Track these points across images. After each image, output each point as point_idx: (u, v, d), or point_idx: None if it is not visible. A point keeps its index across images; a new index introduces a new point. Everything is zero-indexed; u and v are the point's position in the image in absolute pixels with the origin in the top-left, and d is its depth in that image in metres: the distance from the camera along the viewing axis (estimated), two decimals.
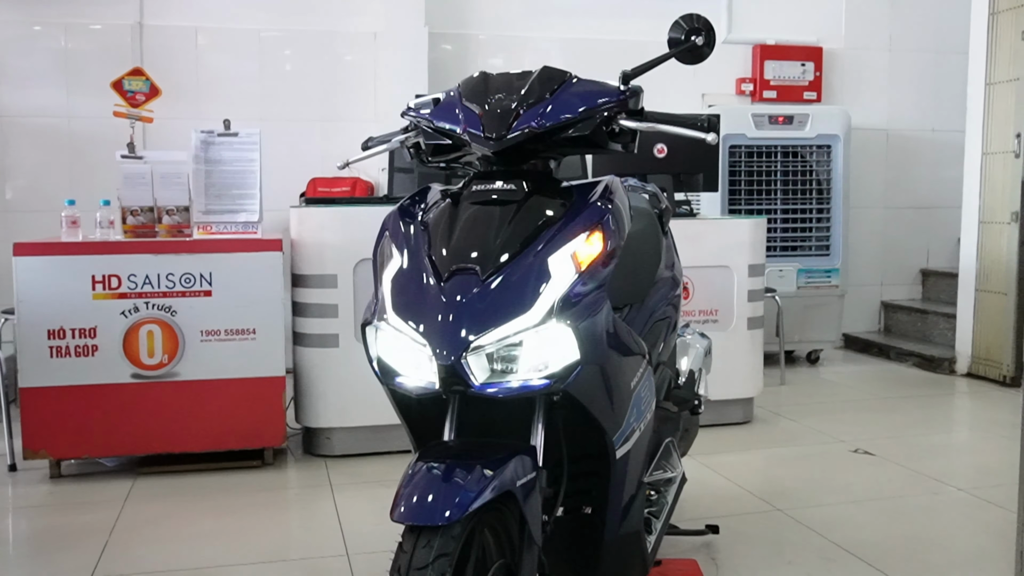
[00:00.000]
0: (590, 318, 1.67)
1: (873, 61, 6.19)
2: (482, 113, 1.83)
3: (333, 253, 3.64)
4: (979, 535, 2.88)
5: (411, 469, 1.60)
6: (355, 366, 3.65)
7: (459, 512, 1.49)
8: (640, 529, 1.94)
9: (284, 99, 5.41)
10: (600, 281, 1.72)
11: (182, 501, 3.23)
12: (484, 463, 1.58)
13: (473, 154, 1.92)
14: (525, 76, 1.91)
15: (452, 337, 1.60)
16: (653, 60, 1.91)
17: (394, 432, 3.75)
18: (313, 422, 3.74)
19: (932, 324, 5.83)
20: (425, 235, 1.78)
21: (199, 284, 3.45)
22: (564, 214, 1.76)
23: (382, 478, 3.47)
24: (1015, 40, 4.80)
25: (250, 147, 3.54)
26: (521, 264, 1.67)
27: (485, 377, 1.62)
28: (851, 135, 5.52)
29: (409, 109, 2.01)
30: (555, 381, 1.63)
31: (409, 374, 1.69)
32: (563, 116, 1.82)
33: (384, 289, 1.74)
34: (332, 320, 3.66)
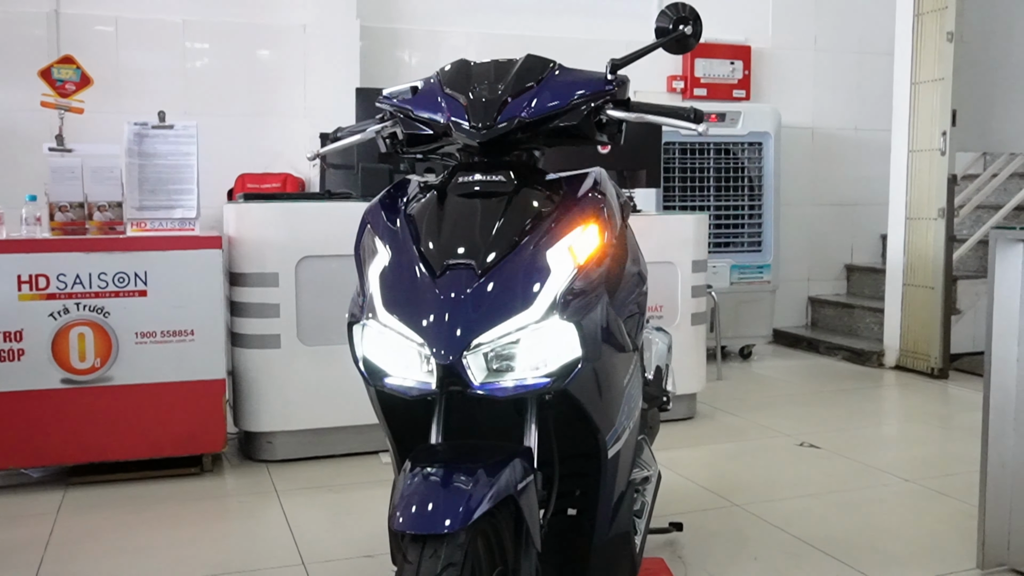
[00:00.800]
0: (590, 314, 1.61)
1: (799, 60, 6.31)
2: (467, 102, 1.76)
3: (274, 251, 3.51)
4: (936, 525, 2.93)
5: (407, 476, 1.51)
6: (298, 367, 3.53)
7: (464, 519, 1.41)
8: (630, 530, 1.89)
9: (209, 93, 5.21)
10: (599, 275, 1.67)
11: (119, 512, 3.06)
12: (483, 467, 1.51)
13: (454, 144, 1.85)
14: (508, 64, 1.84)
15: (451, 335, 1.52)
16: (641, 50, 1.87)
17: (338, 435, 3.65)
18: (253, 426, 3.59)
19: (858, 318, 5.97)
20: (411, 229, 1.70)
21: (133, 284, 3.27)
22: (556, 207, 1.70)
23: (328, 482, 3.36)
24: (940, 41, 4.94)
25: (186, 140, 3.38)
26: (518, 259, 1.60)
27: (483, 376, 1.55)
28: (781, 133, 5.61)
29: (384, 97, 1.93)
30: (555, 379, 1.57)
31: (400, 374, 1.61)
32: (551, 106, 1.76)
33: (371, 286, 1.65)
34: (273, 320, 3.52)
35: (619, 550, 1.88)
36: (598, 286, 1.66)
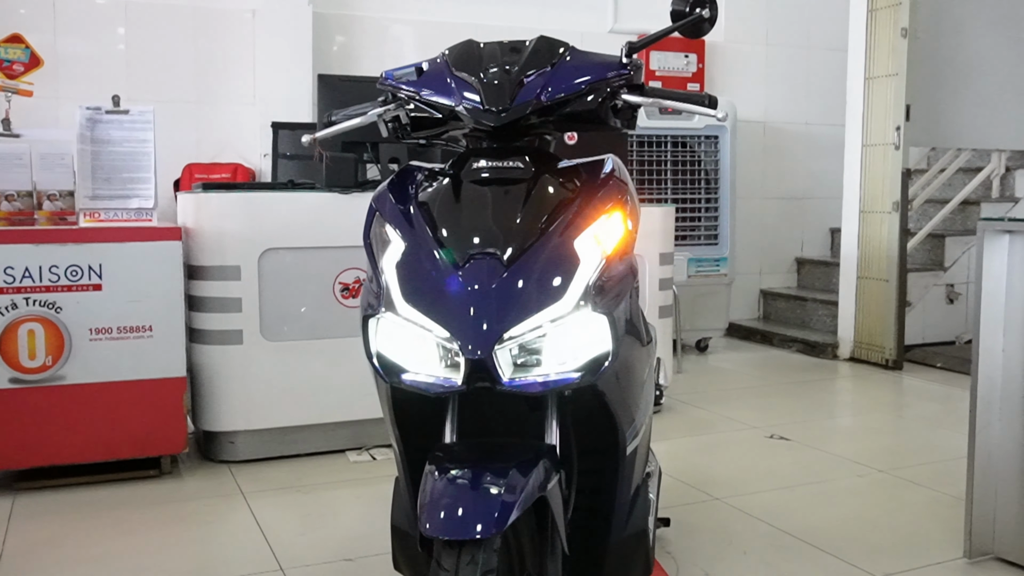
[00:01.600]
0: (620, 305, 1.54)
1: (751, 55, 6.34)
2: (479, 85, 1.67)
3: (235, 243, 3.36)
4: (916, 515, 2.93)
5: (432, 478, 1.43)
6: (260, 364, 3.40)
7: (500, 523, 1.34)
8: (646, 527, 1.83)
9: (153, 79, 5.00)
10: (625, 265, 1.60)
11: (76, 519, 2.89)
12: (514, 467, 1.44)
13: (461, 128, 1.77)
14: (519, 45, 1.77)
15: (480, 329, 1.44)
16: (657, 33, 1.82)
17: (302, 434, 3.53)
18: (214, 426, 3.44)
19: (811, 311, 6.03)
20: (425, 217, 1.61)
21: (87, 277, 3.10)
22: (578, 194, 1.63)
23: (296, 483, 3.24)
24: (894, 36, 4.99)
25: (143, 126, 3.21)
26: (545, 248, 1.53)
27: (511, 372, 1.47)
28: (736, 127, 5.63)
29: (387, 79, 1.83)
30: (584, 374, 1.49)
31: (419, 370, 1.51)
32: (567, 89, 1.69)
33: (387, 277, 1.55)
34: (235, 315, 3.38)
35: (635, 549, 1.81)
36: (624, 276, 1.59)
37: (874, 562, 2.56)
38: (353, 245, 3.50)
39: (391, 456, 3.52)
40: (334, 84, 3.72)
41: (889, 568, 2.53)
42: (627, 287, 1.59)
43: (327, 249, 3.49)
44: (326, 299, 3.50)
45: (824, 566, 2.54)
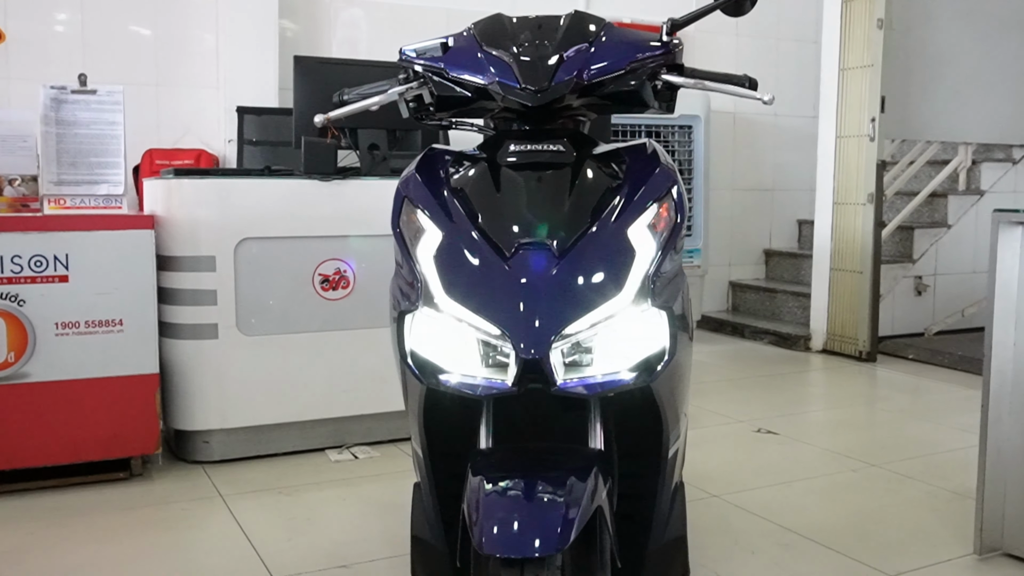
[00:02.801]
0: (676, 299, 1.44)
1: (722, 46, 6.30)
2: (514, 62, 1.55)
3: (210, 232, 3.19)
4: (916, 510, 2.89)
5: (480, 490, 1.31)
6: (237, 359, 3.24)
7: (564, 540, 1.24)
8: (684, 533, 1.74)
9: (111, 60, 4.77)
10: (679, 256, 1.50)
11: (44, 526, 2.71)
12: (571, 476, 1.33)
13: (490, 109, 1.65)
14: (553, 20, 1.65)
15: (536, 327, 1.32)
16: (700, 11, 1.71)
17: (280, 432, 3.38)
18: (187, 424, 3.27)
19: (781, 303, 6.01)
20: (464, 204, 1.48)
21: (53, 268, 2.91)
22: (625, 180, 1.52)
23: (276, 484, 3.09)
24: (869, 28, 4.97)
25: (111, 107, 3.03)
26: (599, 239, 1.42)
27: (563, 372, 1.36)
28: (710, 117, 5.57)
29: (406, 56, 1.70)
30: (640, 373, 1.39)
31: (460, 370, 1.39)
32: (609, 67, 1.58)
33: (424, 269, 1.42)
34: (210, 308, 3.21)
35: (674, 556, 1.72)
36: (678, 268, 1.49)
37: (885, 560, 2.51)
38: (333, 235, 3.37)
39: (373, 455, 3.39)
40: (311, 66, 3.55)
41: (901, 566, 2.48)
42: (681, 280, 1.49)
43: (306, 239, 3.34)
44: (305, 291, 3.35)
45: (836, 565, 2.48)
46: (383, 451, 3.46)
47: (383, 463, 3.32)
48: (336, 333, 3.41)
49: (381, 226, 3.43)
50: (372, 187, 3.44)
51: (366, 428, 3.52)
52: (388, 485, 3.09)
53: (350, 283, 3.42)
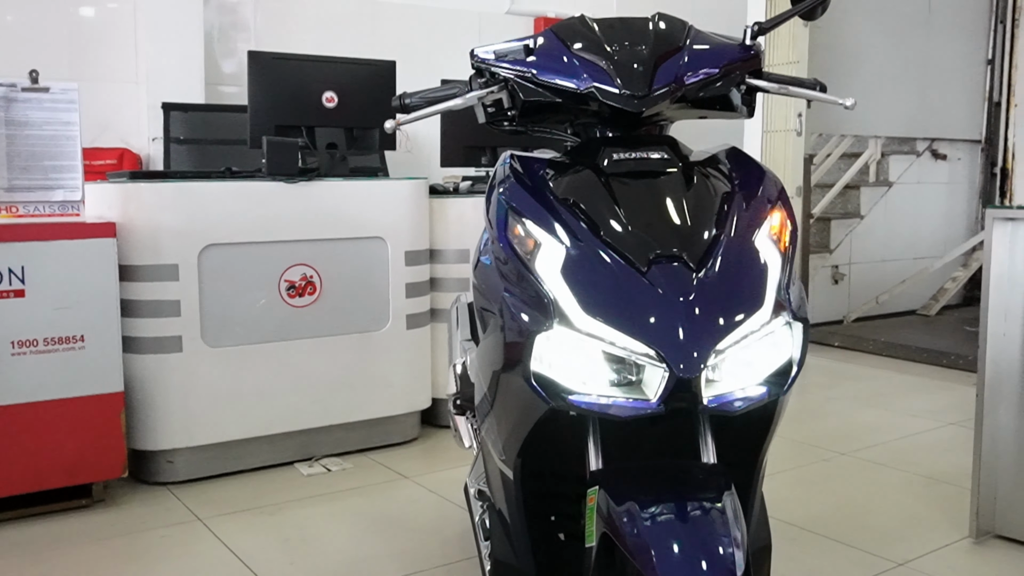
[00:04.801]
0: (803, 306, 1.42)
1: None
2: (610, 66, 1.50)
3: (171, 239, 3.00)
4: (901, 497, 2.98)
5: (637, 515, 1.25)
6: (202, 373, 3.07)
7: (738, 563, 1.19)
8: (769, 542, 1.72)
9: (23, 53, 4.43)
10: (798, 263, 1.48)
11: (16, 565, 2.49)
12: (718, 497, 1.30)
13: (578, 116, 1.59)
14: (640, 23, 1.60)
15: (691, 344, 1.27)
16: (781, 16, 1.69)
17: (248, 447, 3.22)
18: (149, 444, 3.07)
19: None
20: (580, 215, 1.41)
21: (7, 282, 2.67)
22: (735, 188, 1.49)
23: (254, 503, 2.93)
24: (794, 24, 5.10)
25: (66, 106, 2.80)
26: (731, 250, 1.38)
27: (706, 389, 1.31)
28: None
29: (484, 60, 1.62)
30: (773, 387, 1.36)
31: (592, 390, 1.33)
32: (706, 72, 1.54)
33: (550, 286, 1.34)
34: (173, 320, 3.02)
35: (762, 562, 1.70)
36: (797, 276, 1.47)
37: (891, 548, 2.57)
38: (299, 239, 3.23)
39: (345, 467, 3.27)
40: (268, 62, 3.38)
41: (908, 553, 2.55)
42: (800, 287, 1.47)
43: (272, 244, 3.18)
44: (272, 299, 3.19)
45: (847, 557, 2.53)
46: (354, 462, 3.33)
47: (359, 475, 3.20)
48: (304, 341, 3.26)
49: (347, 229, 3.31)
50: (337, 188, 3.31)
51: (336, 439, 3.39)
52: (373, 498, 2.98)
53: (317, 289, 3.28)
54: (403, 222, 3.46)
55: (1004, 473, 2.60)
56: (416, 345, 3.55)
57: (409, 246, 3.48)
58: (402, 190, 3.47)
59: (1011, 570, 2.46)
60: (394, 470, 3.26)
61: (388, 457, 3.40)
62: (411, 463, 3.33)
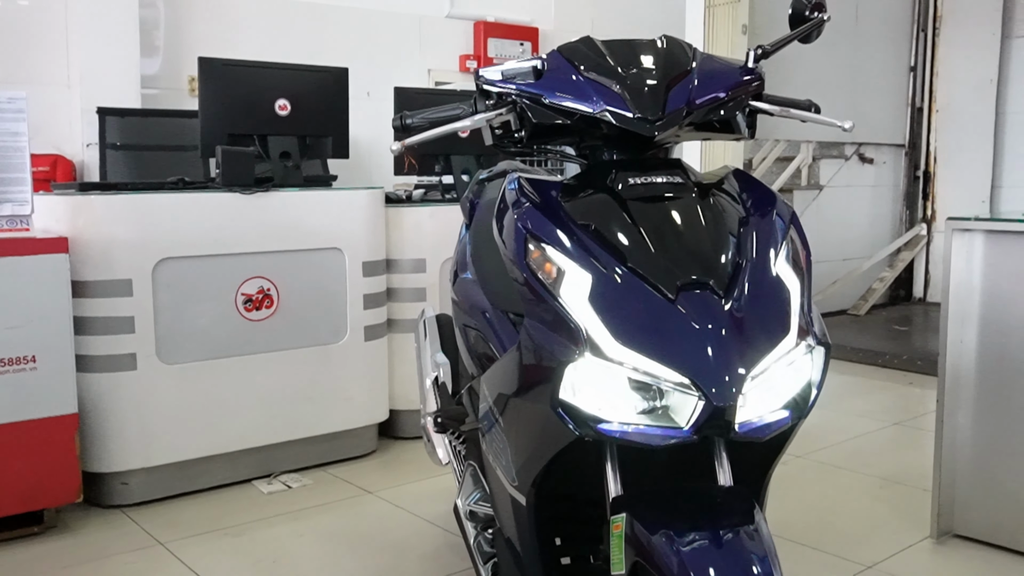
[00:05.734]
0: (823, 330, 1.44)
1: None
2: (622, 89, 1.50)
3: (125, 253, 2.90)
4: (861, 498, 3.06)
5: (674, 541, 1.26)
6: (158, 391, 2.98)
7: None
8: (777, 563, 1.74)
9: None
10: (812, 286, 1.49)
11: None
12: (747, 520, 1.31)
13: (587, 138, 1.58)
14: (645, 45, 1.60)
15: (724, 373, 1.27)
16: (785, 38, 1.71)
17: (206, 466, 3.13)
18: (103, 466, 2.95)
19: None
20: (601, 240, 1.41)
21: None
22: (748, 212, 1.50)
23: (216, 524, 2.85)
24: (733, 32, 5.20)
25: (13, 115, 2.68)
26: (756, 276, 1.39)
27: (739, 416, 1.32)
28: None
29: (490, 80, 1.59)
30: (793, 411, 1.38)
31: (619, 418, 1.32)
32: (716, 94, 1.55)
33: (577, 314, 1.33)
34: (127, 337, 2.92)
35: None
36: (812, 298, 1.49)
37: (857, 551, 2.64)
38: (256, 251, 3.15)
39: (306, 483, 3.20)
40: (217, 68, 3.28)
41: (875, 556, 2.62)
42: (817, 310, 1.49)
43: (228, 256, 3.10)
44: (228, 313, 3.11)
45: (818, 561, 2.58)
46: (314, 477, 3.27)
47: (321, 491, 3.14)
48: (261, 356, 3.19)
49: (304, 240, 3.25)
50: (293, 198, 3.24)
51: (295, 454, 3.32)
52: (340, 515, 2.93)
53: (274, 302, 3.21)
54: (360, 232, 3.41)
55: (962, 475, 2.69)
56: (374, 357, 3.50)
57: (367, 256, 3.43)
58: (359, 200, 3.42)
59: (973, 568, 2.54)
60: (356, 485, 3.21)
61: (348, 471, 3.34)
62: (372, 477, 3.29)
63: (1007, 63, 6.23)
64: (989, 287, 2.60)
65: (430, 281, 3.63)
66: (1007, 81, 6.27)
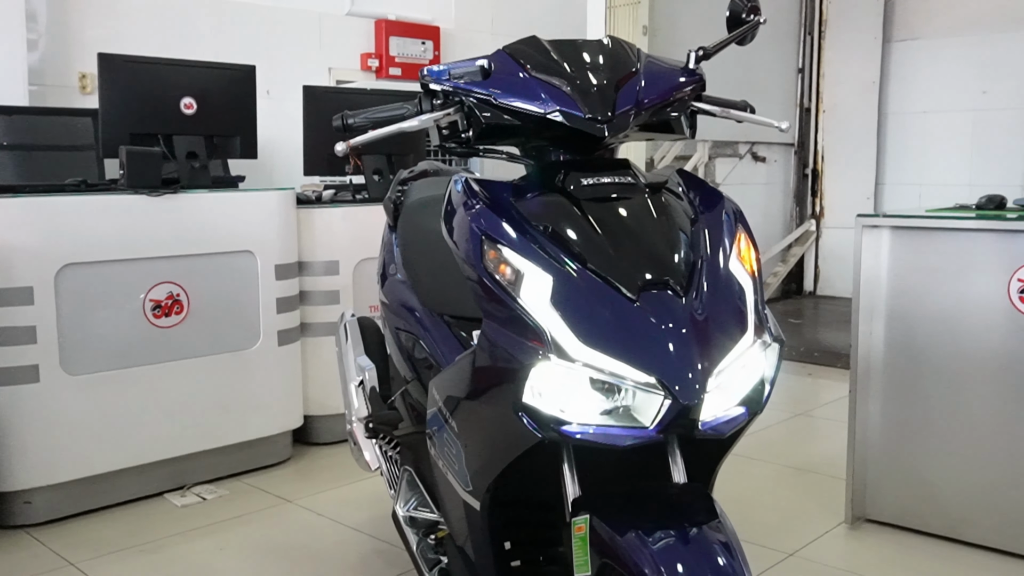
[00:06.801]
0: (778, 329, 1.47)
1: (480, 43, 6.37)
2: (572, 90, 1.49)
3: (24, 259, 2.75)
4: (776, 488, 3.16)
5: (643, 542, 1.26)
6: (62, 404, 2.84)
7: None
8: None
9: None
10: (763, 283, 1.52)
11: None
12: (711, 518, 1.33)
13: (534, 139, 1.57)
14: (591, 45, 1.60)
15: (692, 371, 1.28)
16: (724, 41, 1.73)
17: (112, 481, 3.02)
18: (5, 485, 2.80)
19: None
20: (559, 241, 1.40)
21: None
22: (697, 211, 1.51)
23: (130, 541, 2.73)
24: (634, 33, 5.29)
25: None
26: (713, 275, 1.40)
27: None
28: None
29: (438, 78, 1.57)
30: (750, 406, 1.41)
31: (583, 419, 1.32)
32: (662, 95, 1.56)
33: (540, 316, 1.32)
34: (28, 347, 2.77)
35: None
36: (764, 295, 1.51)
37: (778, 539, 2.72)
38: (164, 255, 3.03)
39: (221, 494, 3.11)
40: (120, 65, 3.14)
41: (794, 543, 2.70)
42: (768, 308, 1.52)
43: (135, 261, 2.98)
44: (136, 320, 2.98)
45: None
46: (229, 488, 3.17)
47: (238, 502, 3.05)
48: (171, 364, 3.07)
49: (214, 243, 3.15)
50: (202, 200, 3.13)
51: (208, 465, 3.21)
52: (260, 526, 2.85)
53: (184, 308, 3.10)
54: (272, 235, 3.32)
55: (873, 461, 2.80)
56: (288, 362, 3.42)
57: (279, 259, 3.34)
58: (270, 201, 3.33)
59: (886, 551, 2.65)
60: (273, 494, 3.12)
61: (264, 480, 3.25)
62: (290, 485, 3.21)
63: (888, 65, 6.53)
64: (895, 281, 2.72)
65: (344, 283, 3.57)
66: (888, 83, 6.57)
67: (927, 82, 6.42)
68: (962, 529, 2.67)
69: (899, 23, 6.47)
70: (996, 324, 2.54)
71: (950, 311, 2.62)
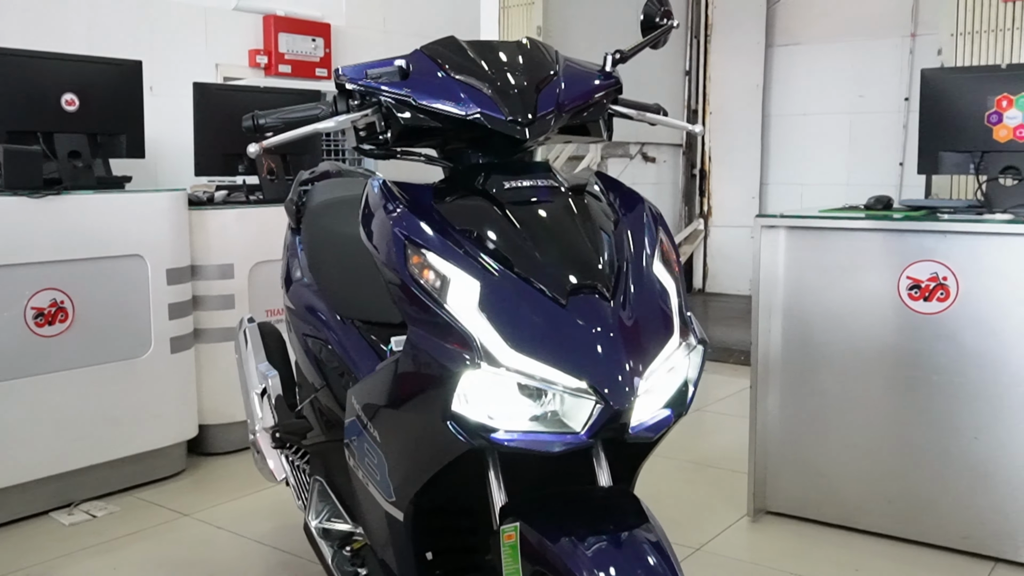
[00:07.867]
0: (702, 331, 1.47)
1: (371, 41, 6.27)
2: (493, 92, 1.47)
3: None
4: (681, 484, 3.21)
5: (577, 547, 1.25)
6: None
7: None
8: None
9: None
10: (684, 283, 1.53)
11: None
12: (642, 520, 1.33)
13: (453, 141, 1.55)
14: (508, 47, 1.58)
15: (621, 376, 1.27)
16: (639, 45, 1.74)
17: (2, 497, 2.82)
18: None
19: None
20: (483, 246, 1.37)
21: None
22: (618, 214, 1.51)
23: (16, 565, 2.58)
24: (528, 34, 5.29)
25: None
26: (638, 278, 1.40)
27: None
28: None
29: (356, 78, 1.53)
30: (676, 408, 1.41)
31: (511, 426, 1.30)
32: (581, 98, 1.56)
33: (467, 322, 1.29)
34: None
35: None
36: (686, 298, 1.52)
37: (684, 534, 2.76)
38: (46, 260, 2.88)
39: (112, 510, 2.97)
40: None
41: (700, 537, 2.75)
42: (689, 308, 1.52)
43: (14, 267, 2.81)
44: (16, 329, 2.81)
45: None
46: (121, 503, 3.03)
47: (131, 518, 2.92)
48: (56, 375, 2.91)
49: (101, 247, 3.01)
50: (87, 202, 2.99)
51: (97, 480, 3.06)
52: (157, 542, 2.73)
53: (69, 315, 2.94)
54: (162, 238, 3.18)
55: (773, 455, 2.88)
56: (181, 370, 3.29)
57: (170, 263, 3.21)
58: (160, 203, 3.20)
59: (787, 541, 2.73)
60: (169, 508, 3.00)
61: (158, 494, 3.12)
62: (186, 498, 3.08)
63: (771, 69, 6.75)
64: (792, 279, 2.80)
65: (239, 287, 3.45)
66: (771, 86, 6.79)
67: (807, 86, 6.67)
68: (857, 517, 2.77)
69: (780, 29, 6.70)
70: (887, 320, 2.65)
71: (844, 308, 2.72)
